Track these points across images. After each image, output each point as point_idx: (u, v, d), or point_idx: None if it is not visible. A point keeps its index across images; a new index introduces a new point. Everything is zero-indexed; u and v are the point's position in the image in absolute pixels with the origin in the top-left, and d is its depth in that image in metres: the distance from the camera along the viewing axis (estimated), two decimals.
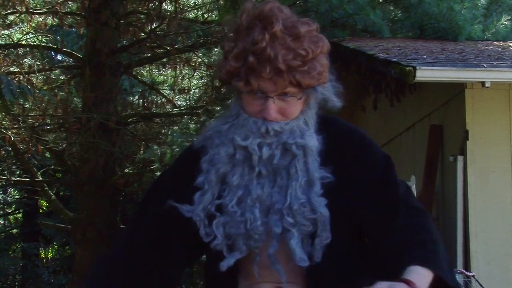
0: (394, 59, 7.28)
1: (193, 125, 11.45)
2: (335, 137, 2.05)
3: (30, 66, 12.21)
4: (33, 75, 11.81)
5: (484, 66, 6.86)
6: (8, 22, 12.42)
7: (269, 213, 1.93)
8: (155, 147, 11.07)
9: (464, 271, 6.24)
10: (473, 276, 6.08)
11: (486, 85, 6.71)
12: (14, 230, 21.88)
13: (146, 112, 13.19)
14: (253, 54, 1.88)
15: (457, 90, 7.30)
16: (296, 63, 1.88)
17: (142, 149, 13.42)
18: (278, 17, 1.90)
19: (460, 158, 7.10)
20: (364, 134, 2.16)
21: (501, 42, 10.29)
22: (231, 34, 1.96)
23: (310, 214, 1.91)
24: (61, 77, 13.75)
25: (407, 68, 6.73)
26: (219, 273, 1.99)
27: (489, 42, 10.33)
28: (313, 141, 1.97)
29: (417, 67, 6.70)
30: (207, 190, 1.97)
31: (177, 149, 9.93)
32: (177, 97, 15.12)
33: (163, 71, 15.56)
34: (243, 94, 1.97)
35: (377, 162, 2.09)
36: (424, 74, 6.76)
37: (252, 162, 1.94)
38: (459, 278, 5.98)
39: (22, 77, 11.38)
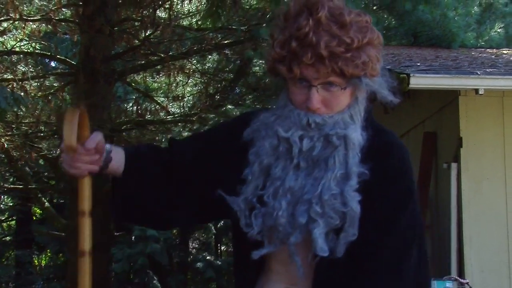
0: (388, 67, 7.28)
1: (187, 133, 11.45)
2: (379, 142, 1.99)
3: (24, 73, 12.19)
4: (26, 82, 11.79)
5: (478, 74, 6.87)
6: (2, 29, 12.40)
7: (297, 204, 1.90)
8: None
9: (458, 278, 6.24)
10: (467, 283, 6.08)
11: (480, 93, 6.72)
12: (8, 237, 21.83)
13: (140, 119, 13.17)
14: (296, 39, 1.86)
15: (451, 97, 7.31)
16: (339, 50, 1.85)
17: None
18: (324, 4, 1.88)
19: (454, 165, 7.11)
20: (406, 157, 2.09)
21: (494, 49, 10.32)
22: (281, 22, 1.95)
23: (340, 207, 1.88)
24: (55, 84, 13.72)
25: (401, 75, 6.74)
26: (246, 259, 1.99)
27: (483, 49, 10.36)
28: (356, 134, 1.93)
29: (411, 74, 6.71)
30: (250, 181, 1.96)
31: None
32: (171, 104, 15.10)
33: (157, 78, 15.56)
34: (289, 83, 1.95)
35: (396, 196, 1.99)
36: (418, 81, 6.77)
37: (292, 154, 1.92)
38: (453, 285, 5.98)
39: (16, 84, 11.36)
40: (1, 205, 21.55)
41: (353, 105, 1.97)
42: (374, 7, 11.38)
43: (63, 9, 13.15)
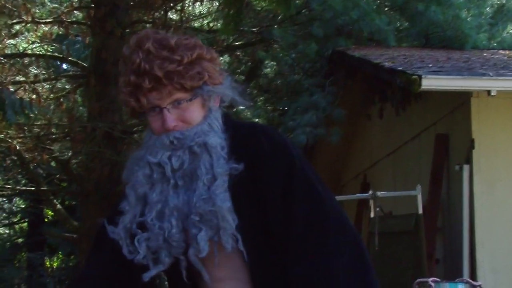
0: (400, 68, 7.27)
1: None
2: (241, 136, 2.09)
3: (35, 75, 12.23)
4: (38, 84, 11.83)
5: (490, 75, 6.85)
6: (14, 31, 12.45)
7: (187, 218, 2.01)
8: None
9: (471, 280, 6.21)
10: (479, 285, 6.05)
11: (492, 94, 6.69)
12: (20, 239, 21.91)
13: None
14: (133, 73, 2.02)
15: (463, 99, 7.28)
16: (171, 67, 1.99)
17: None
18: (150, 36, 2.05)
19: (466, 167, 7.08)
20: (266, 132, 2.14)
21: (507, 50, 10.28)
22: (122, 67, 2.09)
23: (210, 207, 1.98)
24: (67, 87, 13.77)
25: (413, 76, 6.72)
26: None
27: (495, 50, 10.32)
28: (215, 139, 2.05)
29: (422, 76, 6.68)
30: (127, 211, 2.06)
31: None
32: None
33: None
34: (147, 117, 2.09)
35: (281, 167, 2.06)
36: (430, 82, 6.75)
37: (167, 176, 2.03)
38: None
39: (27, 86, 11.40)
40: (13, 207, 21.64)
41: (209, 115, 2.09)
42: (386, 8, 11.35)
43: (75, 11, 13.21)
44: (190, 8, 13.74)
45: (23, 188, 14.78)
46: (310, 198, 2.03)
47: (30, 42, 13.18)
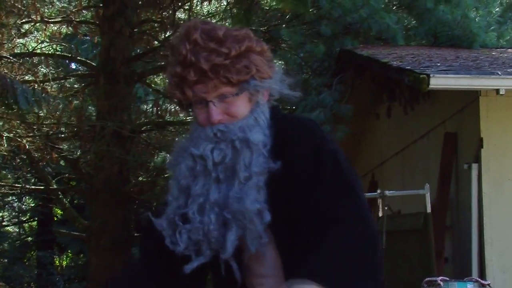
0: (408, 67, 7.26)
1: None
2: (285, 131, 2.07)
3: (44, 74, 12.27)
4: (47, 83, 11.87)
5: (499, 74, 6.84)
6: (23, 31, 12.49)
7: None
8: (169, 155, 11.10)
9: (479, 279, 6.21)
10: (488, 284, 6.05)
11: (501, 93, 6.68)
12: (29, 238, 21.98)
13: (160, 120, 13.22)
14: (179, 64, 2.01)
15: (471, 97, 7.28)
16: (218, 60, 1.97)
17: (156, 157, 13.45)
18: (197, 26, 2.02)
19: (474, 166, 7.07)
20: (306, 125, 2.12)
21: None
22: (170, 58, 2.09)
23: (241, 207, 1.97)
24: (76, 86, 13.81)
25: (421, 75, 6.72)
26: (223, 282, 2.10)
27: (504, 49, 10.30)
28: (257, 135, 2.02)
29: (431, 75, 6.68)
30: (171, 203, 2.07)
31: None
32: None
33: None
34: (193, 109, 2.09)
35: (305, 156, 2.04)
36: (438, 81, 6.75)
37: (208, 168, 2.02)
38: (474, 287, 5.95)
39: (37, 85, 11.44)
40: (23, 206, 21.71)
41: (255, 109, 2.07)
42: (394, 7, 11.34)
43: (83, 11, 13.24)
44: (198, 8, 13.75)
45: (33, 187, 14.83)
46: (337, 182, 2.00)
47: (39, 41, 13.23)
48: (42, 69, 12.77)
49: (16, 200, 20.78)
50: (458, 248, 7.51)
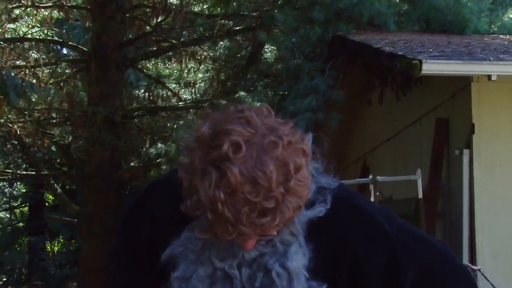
0: (400, 53, 7.26)
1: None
2: (329, 244, 1.76)
3: (36, 60, 12.23)
4: (38, 69, 11.82)
5: (491, 60, 6.84)
6: (14, 16, 12.42)
7: None
8: (160, 145, 11.08)
9: (470, 265, 6.23)
10: (479, 269, 6.06)
11: (493, 79, 6.69)
12: (20, 224, 21.96)
13: (152, 105, 13.20)
14: (210, 212, 1.51)
15: (463, 83, 7.29)
16: (264, 221, 1.52)
17: (147, 143, 13.43)
18: (235, 160, 1.49)
19: (466, 152, 7.09)
20: (363, 213, 1.84)
21: (507, 35, 10.26)
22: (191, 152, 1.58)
23: None
24: (67, 71, 13.76)
25: (413, 61, 6.72)
26: None
27: (496, 35, 10.31)
28: (298, 260, 1.69)
29: (423, 61, 6.68)
30: None
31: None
32: (182, 90, 15.12)
33: (169, 64, 15.57)
34: None
35: (380, 258, 1.79)
36: (430, 67, 6.75)
37: (233, 285, 1.70)
38: None
39: (28, 71, 11.40)
40: (14, 192, 21.67)
41: (292, 220, 1.67)
42: None
43: None
44: None
45: (24, 172, 14.82)
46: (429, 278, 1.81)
47: (30, 26, 13.16)
48: (33, 54, 12.72)
49: (7, 185, 20.75)
50: (449, 234, 7.53)
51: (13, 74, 8.88)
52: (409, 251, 1.82)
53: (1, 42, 11.19)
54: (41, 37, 13.10)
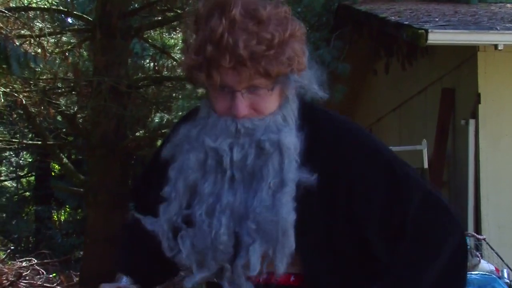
0: (406, 22, 7.22)
1: (201, 90, 11.44)
2: (321, 135, 1.80)
3: (40, 29, 12.18)
4: (43, 38, 11.79)
5: (497, 29, 6.81)
6: None
7: (241, 221, 1.71)
8: (162, 114, 11.07)
9: (475, 234, 6.25)
10: (483, 239, 6.08)
11: (499, 48, 6.66)
12: (27, 193, 22.05)
13: (157, 75, 13.18)
14: (211, 43, 1.67)
15: (469, 53, 7.26)
16: (260, 49, 1.66)
17: (153, 113, 13.44)
18: (237, 0, 1.69)
19: (472, 122, 7.08)
20: (360, 133, 1.87)
21: None
22: (192, 25, 1.77)
23: (272, 217, 1.69)
24: (72, 41, 13.72)
25: (419, 31, 6.69)
26: None
27: (503, 4, 10.23)
28: (290, 138, 1.75)
29: (429, 30, 6.65)
30: (173, 199, 1.77)
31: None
32: None
33: (174, 34, 15.51)
34: (210, 91, 1.78)
35: (378, 177, 1.77)
36: (436, 37, 6.72)
37: (224, 166, 1.73)
38: (470, 242, 5.99)
39: (32, 40, 11.37)
40: (20, 161, 21.74)
41: (285, 105, 1.79)
42: None
43: None
44: None
45: (30, 142, 14.83)
46: (423, 206, 1.77)
47: None
48: (38, 24, 12.67)
49: (13, 155, 20.81)
50: (455, 203, 7.54)
51: (17, 44, 8.86)
52: (411, 176, 1.81)
53: (6, 11, 11.15)
54: (46, 7, 13.05)
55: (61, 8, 13.43)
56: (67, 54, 12.53)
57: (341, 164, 1.77)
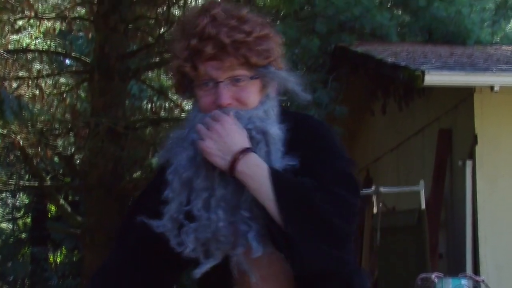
0: (403, 63, 7.27)
1: None
2: (298, 128, 1.92)
3: (39, 71, 12.24)
4: (41, 80, 11.84)
5: (493, 70, 6.85)
6: (17, 27, 12.45)
7: (235, 211, 1.82)
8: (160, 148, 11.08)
9: (474, 276, 6.22)
10: (482, 281, 6.06)
11: (495, 89, 6.70)
12: (23, 234, 21.93)
13: (155, 116, 13.20)
14: (195, 36, 1.84)
15: (466, 94, 7.29)
16: (240, 36, 1.83)
17: (150, 154, 13.43)
18: (217, 3, 1.90)
19: (469, 163, 7.09)
20: (319, 127, 1.99)
21: (510, 46, 10.28)
22: (179, 34, 1.93)
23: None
24: (70, 82, 13.77)
25: (416, 72, 6.73)
26: (212, 284, 1.94)
27: (498, 46, 10.32)
28: (274, 129, 1.87)
29: (425, 71, 6.69)
30: (172, 199, 1.87)
31: None
32: (185, 102, 15.11)
33: (172, 76, 15.57)
34: (196, 91, 1.90)
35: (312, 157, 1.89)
36: (433, 78, 6.76)
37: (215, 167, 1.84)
38: (468, 283, 5.96)
39: (31, 82, 11.41)
40: (17, 203, 21.67)
41: (265, 101, 1.92)
42: (389, 4, 11.35)
43: (77, 7, 13.20)
44: (192, 4, 13.73)
45: (27, 183, 14.79)
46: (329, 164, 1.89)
47: (33, 37, 13.18)
48: (36, 66, 12.73)
49: (10, 196, 20.74)
50: (453, 244, 7.52)
51: (13, 87, 8.87)
52: (343, 172, 1.96)
53: (5, 53, 11.21)
54: (44, 48, 13.12)
55: (60, 50, 13.51)
56: (65, 95, 12.57)
57: (310, 153, 1.87)
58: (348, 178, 1.95)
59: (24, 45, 12.97)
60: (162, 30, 12.42)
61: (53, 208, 19.29)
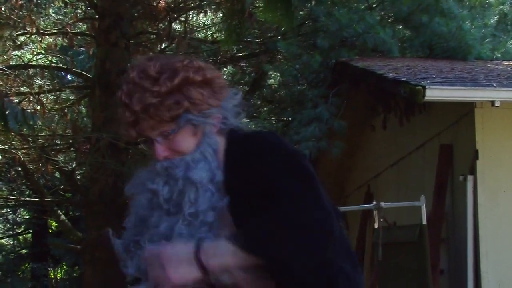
0: (404, 79, 7.27)
1: None
2: (245, 152, 2.00)
3: (40, 86, 12.26)
4: (43, 95, 11.86)
5: (494, 86, 6.85)
6: (19, 43, 12.49)
7: None
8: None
9: None
10: None
11: (496, 105, 6.70)
12: (24, 250, 21.91)
13: None
14: (120, 106, 2.04)
15: (466, 109, 7.29)
16: (148, 100, 1.96)
17: None
18: (135, 66, 2.05)
19: (470, 178, 7.07)
20: (261, 142, 2.02)
21: (510, 61, 10.28)
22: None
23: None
24: (71, 97, 13.80)
25: (417, 87, 6.73)
26: None
27: (499, 61, 10.33)
28: (200, 172, 2.00)
29: (426, 87, 6.69)
30: (128, 228, 2.13)
31: None
32: None
33: None
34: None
35: (262, 171, 1.95)
36: (434, 93, 6.76)
37: (161, 202, 2.03)
38: None
39: (32, 97, 11.43)
40: (17, 218, 21.64)
41: (202, 142, 2.03)
42: (390, 20, 11.37)
43: (79, 23, 13.25)
44: (194, 19, 13.77)
45: (27, 199, 14.81)
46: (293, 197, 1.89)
47: (35, 53, 13.22)
48: (37, 81, 12.76)
49: (10, 212, 20.72)
50: (454, 260, 7.50)
51: (15, 101, 8.89)
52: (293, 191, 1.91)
53: (6, 69, 11.23)
54: (45, 64, 13.16)
55: (61, 65, 13.54)
56: (66, 110, 12.58)
57: (260, 173, 1.93)
58: (302, 180, 1.95)
59: (26, 60, 13.02)
60: (163, 46, 12.45)
61: (53, 223, 19.28)
